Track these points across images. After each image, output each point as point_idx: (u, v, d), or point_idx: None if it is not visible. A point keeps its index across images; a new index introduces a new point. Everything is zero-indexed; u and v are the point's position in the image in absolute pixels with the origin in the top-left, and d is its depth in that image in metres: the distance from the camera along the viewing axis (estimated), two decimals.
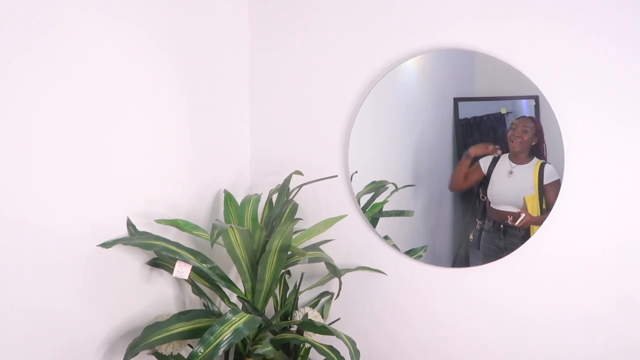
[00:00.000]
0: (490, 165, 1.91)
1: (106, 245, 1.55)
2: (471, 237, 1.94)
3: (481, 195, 1.93)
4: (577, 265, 1.74)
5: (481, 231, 1.92)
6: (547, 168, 1.80)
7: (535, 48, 1.72)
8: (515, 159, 1.86)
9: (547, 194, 1.82)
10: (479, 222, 1.94)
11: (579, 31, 1.67)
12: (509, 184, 1.89)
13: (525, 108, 1.80)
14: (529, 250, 1.79)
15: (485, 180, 1.92)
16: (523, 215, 1.82)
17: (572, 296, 1.75)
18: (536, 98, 1.76)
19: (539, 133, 1.82)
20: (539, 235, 1.77)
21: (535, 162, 1.83)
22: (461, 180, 1.97)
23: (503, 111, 1.83)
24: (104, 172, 1.56)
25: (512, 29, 1.74)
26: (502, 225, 1.88)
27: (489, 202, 1.92)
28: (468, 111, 1.88)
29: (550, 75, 1.70)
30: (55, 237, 1.44)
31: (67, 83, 1.43)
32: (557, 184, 1.80)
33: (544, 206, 1.81)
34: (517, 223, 1.83)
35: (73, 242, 1.48)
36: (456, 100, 1.89)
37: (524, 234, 1.82)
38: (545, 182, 1.81)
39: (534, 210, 1.82)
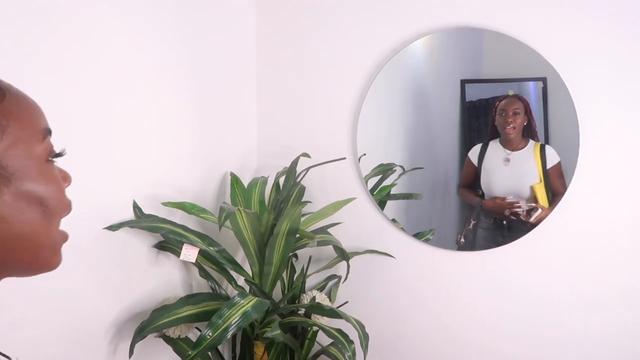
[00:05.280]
0: (479, 155, 1.87)
1: (112, 228, 1.53)
2: (462, 239, 1.90)
3: (479, 190, 1.88)
4: (586, 248, 1.73)
5: (476, 230, 1.88)
6: (548, 150, 1.76)
7: (551, 25, 1.68)
8: (509, 144, 1.81)
9: (551, 179, 1.77)
10: (472, 221, 1.88)
11: (597, 11, 1.64)
12: (507, 173, 1.82)
13: (533, 90, 1.78)
14: (536, 234, 1.78)
15: (477, 172, 1.87)
16: (540, 210, 1.76)
17: (579, 278, 1.75)
18: (544, 80, 1.73)
19: (528, 112, 1.78)
20: (548, 220, 1.76)
21: (533, 145, 1.78)
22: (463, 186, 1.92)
23: (510, 93, 1.80)
24: (110, 154, 1.54)
25: (527, 4, 1.71)
26: (504, 221, 1.84)
27: (484, 196, 1.86)
28: (475, 93, 1.85)
29: (567, 53, 1.67)
30: (64, 219, 1.42)
31: (73, 69, 1.40)
32: (559, 167, 1.75)
33: (549, 193, 1.77)
34: (532, 219, 1.78)
35: (79, 224, 1.46)
36: (463, 82, 1.86)
37: (530, 227, 1.79)
38: (548, 166, 1.77)
39: (543, 199, 1.77)
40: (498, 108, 1.80)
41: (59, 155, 0.56)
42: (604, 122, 1.67)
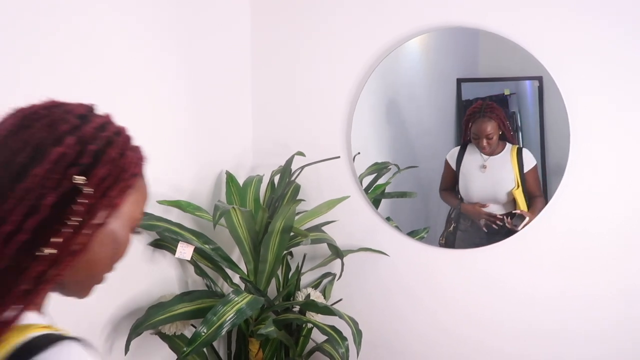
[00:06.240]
0: (457, 159, 1.85)
1: None
2: (443, 240, 1.91)
3: (459, 194, 1.87)
4: (577, 246, 1.75)
5: (455, 232, 1.88)
6: (525, 154, 1.76)
7: (542, 25, 1.70)
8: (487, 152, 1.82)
9: (528, 182, 1.75)
10: (453, 224, 1.88)
11: (589, 12, 1.66)
12: (484, 179, 1.82)
13: (529, 89, 1.79)
14: (527, 233, 1.80)
15: (456, 176, 1.86)
16: (527, 218, 1.75)
17: (571, 276, 1.77)
18: (540, 79, 1.74)
19: (502, 124, 1.76)
20: (539, 219, 1.77)
21: (510, 148, 1.77)
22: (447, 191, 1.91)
23: (506, 92, 1.81)
24: None
25: (518, 6, 1.72)
26: (482, 221, 1.83)
27: (462, 200, 1.87)
28: (471, 92, 1.86)
29: (558, 53, 1.69)
30: None
31: (72, 70, 1.42)
32: (535, 171, 1.74)
33: (527, 197, 1.77)
34: (519, 228, 1.76)
35: None
36: (459, 81, 1.87)
37: (508, 230, 1.80)
38: (525, 170, 1.76)
39: (523, 204, 1.76)
40: (471, 130, 1.80)
41: (138, 232, 0.74)
42: (594, 122, 1.69)
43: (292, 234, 1.70)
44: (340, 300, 1.96)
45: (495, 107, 1.77)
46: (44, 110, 0.67)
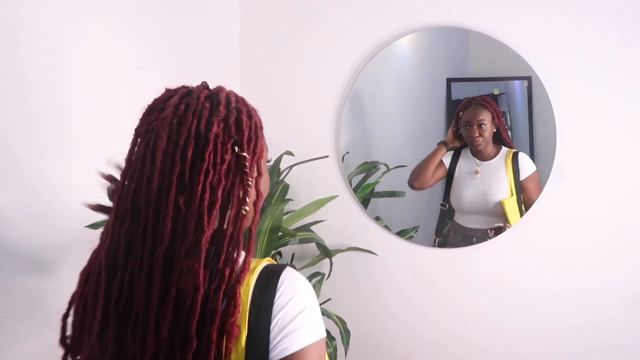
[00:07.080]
0: (452, 161, 1.79)
1: (95, 226, 1.53)
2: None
3: (441, 202, 1.84)
4: (564, 245, 1.75)
5: (445, 245, 1.85)
6: (522, 159, 1.70)
7: (529, 27, 1.71)
8: (480, 155, 1.76)
9: (526, 192, 1.69)
10: (437, 238, 1.82)
11: (577, 14, 1.67)
12: (476, 187, 1.76)
13: (518, 89, 1.79)
14: (517, 232, 1.80)
15: (448, 180, 1.81)
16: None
17: (562, 274, 1.77)
18: (529, 79, 1.75)
19: (496, 117, 1.70)
20: (528, 217, 1.78)
21: (505, 152, 1.73)
22: (429, 176, 1.80)
23: (496, 92, 1.81)
24: (91, 151, 1.53)
25: (507, 7, 1.72)
26: (474, 239, 1.82)
27: (454, 211, 1.83)
28: (461, 92, 1.86)
29: (544, 54, 1.70)
30: (45, 219, 1.42)
31: (69, 75, 1.41)
32: (535, 178, 1.67)
33: (522, 207, 1.72)
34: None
35: (61, 223, 1.47)
36: (449, 81, 1.87)
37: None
38: (522, 177, 1.70)
39: (514, 215, 1.70)
40: (462, 119, 1.77)
41: (269, 161, 0.90)
42: (581, 122, 1.69)
43: (280, 233, 1.69)
44: (329, 299, 1.96)
45: (489, 99, 1.74)
46: (182, 104, 0.82)
